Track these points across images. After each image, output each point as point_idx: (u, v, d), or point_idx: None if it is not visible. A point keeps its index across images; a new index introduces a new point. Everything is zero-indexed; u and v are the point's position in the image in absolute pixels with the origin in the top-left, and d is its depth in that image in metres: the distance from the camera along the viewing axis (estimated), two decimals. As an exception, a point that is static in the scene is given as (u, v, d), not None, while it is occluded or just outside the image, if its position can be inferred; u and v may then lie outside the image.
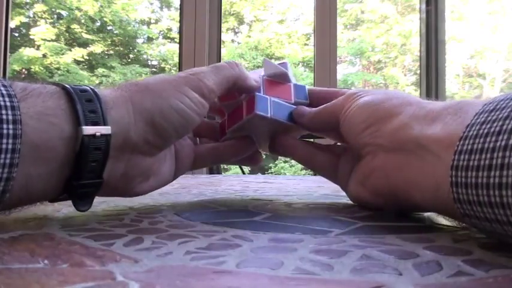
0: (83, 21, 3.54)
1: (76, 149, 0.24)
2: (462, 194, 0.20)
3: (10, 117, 0.22)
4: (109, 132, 0.25)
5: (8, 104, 0.22)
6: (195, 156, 0.35)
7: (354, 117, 0.31)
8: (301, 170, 3.21)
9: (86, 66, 3.56)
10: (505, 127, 0.19)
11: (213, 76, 0.31)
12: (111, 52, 3.66)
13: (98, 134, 0.25)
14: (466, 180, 0.20)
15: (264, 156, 0.40)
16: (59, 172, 0.24)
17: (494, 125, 0.19)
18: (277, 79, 0.37)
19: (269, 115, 0.34)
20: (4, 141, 0.21)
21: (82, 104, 0.25)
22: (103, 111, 0.25)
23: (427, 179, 0.24)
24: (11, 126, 0.22)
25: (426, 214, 0.30)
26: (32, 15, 3.52)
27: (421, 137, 0.24)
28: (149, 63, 3.75)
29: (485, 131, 0.20)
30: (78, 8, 3.53)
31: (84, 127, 0.24)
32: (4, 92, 0.22)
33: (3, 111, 0.22)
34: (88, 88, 0.26)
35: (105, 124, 0.25)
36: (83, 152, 0.24)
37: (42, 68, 3.44)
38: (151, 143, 0.28)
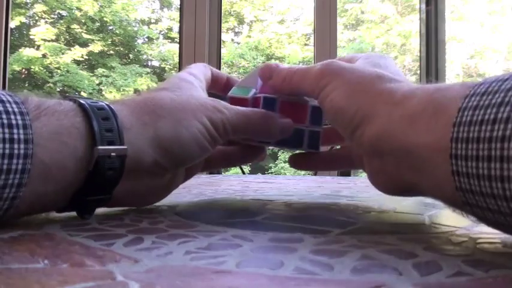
0: (83, 21, 3.55)
1: (89, 168, 0.24)
2: (464, 183, 0.20)
3: (22, 136, 0.21)
4: (125, 153, 0.25)
5: (20, 122, 0.21)
6: (205, 160, 0.34)
7: (338, 120, 0.28)
8: (301, 170, 3.20)
9: (85, 66, 3.56)
10: (499, 115, 0.18)
11: (236, 120, 0.30)
12: (111, 52, 3.67)
13: (113, 154, 0.24)
14: (467, 170, 0.19)
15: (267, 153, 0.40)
16: (68, 189, 0.24)
17: (488, 111, 0.18)
18: (296, 100, 0.34)
19: (270, 144, 0.34)
20: (14, 161, 0.21)
21: (99, 122, 0.24)
22: (120, 130, 0.25)
23: (429, 181, 0.23)
24: (22, 146, 0.21)
25: (426, 214, 0.30)
26: (32, 15, 3.53)
27: (407, 145, 0.23)
28: (149, 63, 3.75)
29: (479, 117, 0.19)
30: (78, 8, 3.53)
31: (100, 147, 0.24)
32: (16, 109, 0.22)
33: (15, 130, 0.21)
34: (105, 105, 0.26)
35: (121, 144, 0.25)
36: (97, 172, 0.24)
37: (42, 68, 3.44)
38: (164, 168, 0.28)
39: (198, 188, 0.46)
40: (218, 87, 0.38)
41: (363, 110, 0.26)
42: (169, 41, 3.72)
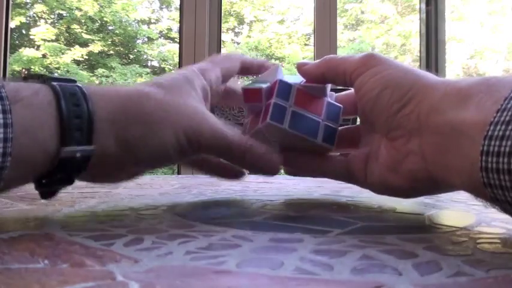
0: (83, 21, 3.55)
1: (54, 164, 0.25)
2: (493, 179, 0.20)
3: (1, 121, 0.22)
4: (91, 153, 0.25)
5: (0, 107, 0.22)
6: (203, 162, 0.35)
7: (384, 97, 0.28)
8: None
9: (85, 66, 3.56)
10: None
11: (214, 142, 0.29)
12: (111, 52, 3.67)
13: (78, 155, 0.25)
14: (497, 165, 0.20)
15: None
16: (33, 176, 0.25)
17: None
18: (313, 91, 0.33)
19: (284, 126, 0.31)
20: None
21: (70, 121, 0.24)
22: (89, 131, 0.25)
23: (464, 163, 0.23)
24: (1, 130, 0.22)
25: (426, 214, 0.30)
26: (32, 16, 3.53)
27: (455, 121, 0.23)
28: (149, 64, 3.75)
29: None
30: (78, 8, 3.53)
31: (66, 149, 0.24)
32: None
33: None
34: (82, 101, 0.25)
35: (88, 143, 0.25)
36: (61, 168, 0.25)
37: (42, 68, 3.44)
38: (129, 166, 0.29)
39: (198, 188, 0.46)
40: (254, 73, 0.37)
41: (420, 85, 0.27)
42: (169, 41, 3.72)
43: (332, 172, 0.35)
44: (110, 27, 3.66)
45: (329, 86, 0.35)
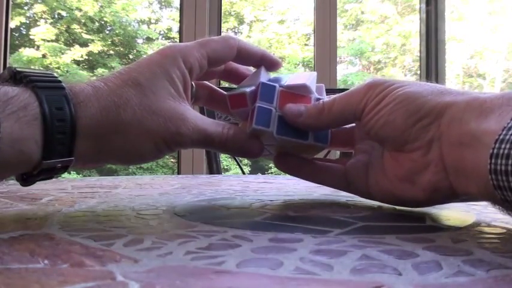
0: (83, 21, 3.55)
1: (36, 170, 0.26)
2: (502, 181, 0.20)
3: None
4: (70, 163, 0.27)
5: None
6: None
7: (398, 112, 0.28)
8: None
9: (85, 66, 3.56)
10: None
11: (197, 139, 0.30)
12: (111, 52, 3.67)
13: (59, 165, 0.26)
14: (507, 168, 0.20)
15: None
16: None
17: None
18: (296, 91, 0.33)
19: (271, 129, 0.31)
20: None
21: (54, 137, 0.25)
22: (72, 142, 0.26)
23: (480, 169, 0.23)
24: None
25: (426, 214, 0.30)
26: (32, 15, 3.53)
27: (475, 131, 0.24)
28: (149, 64, 3.74)
29: None
30: (78, 8, 3.54)
31: (48, 161, 0.26)
32: None
33: None
34: (67, 116, 0.26)
35: (69, 155, 0.26)
36: (42, 172, 0.26)
37: (42, 68, 3.44)
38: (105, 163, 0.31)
39: (198, 188, 0.46)
40: (249, 63, 0.36)
41: (437, 96, 0.27)
42: (169, 41, 3.72)
43: (330, 180, 0.35)
44: (110, 27, 3.66)
45: (314, 80, 0.34)
